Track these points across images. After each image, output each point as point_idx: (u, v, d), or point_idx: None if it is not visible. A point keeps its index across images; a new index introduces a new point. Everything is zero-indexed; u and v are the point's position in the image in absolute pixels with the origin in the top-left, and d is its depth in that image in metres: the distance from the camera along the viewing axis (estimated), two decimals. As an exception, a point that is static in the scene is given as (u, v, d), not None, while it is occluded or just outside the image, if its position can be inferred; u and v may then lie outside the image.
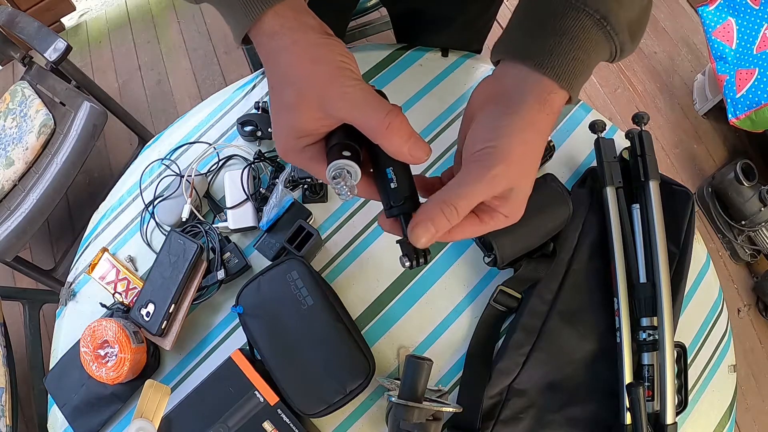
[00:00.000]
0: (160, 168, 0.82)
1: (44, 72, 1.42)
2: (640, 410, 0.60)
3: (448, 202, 0.34)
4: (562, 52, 0.37)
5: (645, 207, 0.70)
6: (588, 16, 0.37)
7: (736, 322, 1.61)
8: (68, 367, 0.72)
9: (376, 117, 0.34)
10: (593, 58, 0.39)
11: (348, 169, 0.34)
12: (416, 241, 0.35)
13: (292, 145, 0.37)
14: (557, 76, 0.37)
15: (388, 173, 0.37)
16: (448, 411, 0.61)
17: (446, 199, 0.35)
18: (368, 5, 1.35)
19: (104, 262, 0.77)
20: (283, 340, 0.65)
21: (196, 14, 2.07)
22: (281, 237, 0.72)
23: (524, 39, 0.39)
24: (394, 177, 0.37)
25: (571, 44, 0.37)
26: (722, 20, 1.63)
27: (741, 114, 1.53)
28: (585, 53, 0.38)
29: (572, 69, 0.38)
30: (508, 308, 0.71)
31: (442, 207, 0.34)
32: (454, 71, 0.85)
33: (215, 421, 0.62)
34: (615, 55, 0.40)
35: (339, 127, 0.37)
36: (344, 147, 0.36)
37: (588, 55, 0.38)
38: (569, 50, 0.37)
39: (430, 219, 0.34)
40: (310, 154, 0.38)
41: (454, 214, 0.35)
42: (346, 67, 0.35)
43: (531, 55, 0.38)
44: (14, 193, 1.35)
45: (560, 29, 0.38)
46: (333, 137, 0.37)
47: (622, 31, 0.38)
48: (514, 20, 0.41)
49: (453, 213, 0.34)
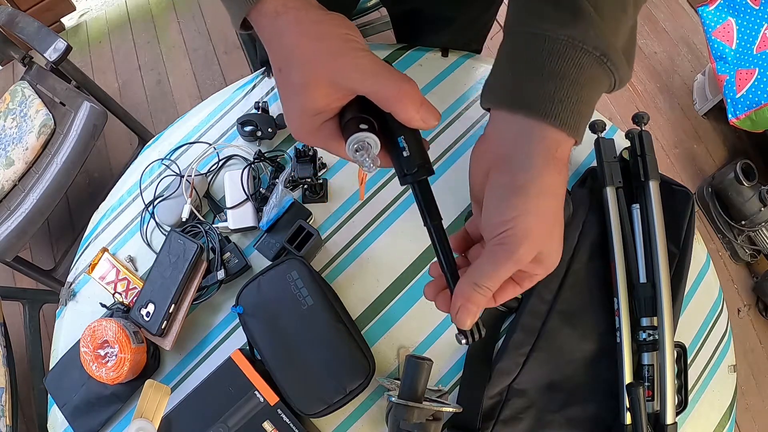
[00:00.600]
0: (160, 168, 0.82)
1: (44, 72, 1.42)
2: (640, 410, 0.60)
3: (481, 284, 0.36)
4: (565, 98, 0.35)
5: (645, 207, 0.70)
6: (587, 54, 0.35)
7: (736, 322, 1.61)
8: (68, 367, 0.72)
9: (389, 85, 0.34)
10: (595, 96, 0.37)
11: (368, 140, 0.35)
12: (462, 325, 0.37)
13: (307, 125, 0.37)
14: (563, 125, 0.35)
15: (400, 142, 0.37)
16: (448, 411, 0.61)
17: (478, 282, 0.36)
18: (368, 5, 1.35)
19: (104, 262, 0.77)
20: (283, 340, 0.65)
21: (196, 14, 2.07)
22: (281, 237, 0.71)
23: (520, 84, 0.36)
24: (406, 146, 0.37)
25: (573, 87, 0.35)
26: (722, 20, 1.63)
27: (741, 114, 1.53)
28: (588, 93, 0.36)
29: (578, 113, 0.35)
30: (508, 308, 0.71)
31: (475, 288, 0.36)
32: (454, 71, 0.85)
33: (215, 421, 0.63)
34: (614, 87, 0.38)
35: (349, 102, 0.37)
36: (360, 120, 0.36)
37: (591, 95, 0.36)
38: (572, 94, 0.35)
39: (468, 300, 0.36)
40: (327, 132, 0.37)
41: (488, 292, 0.36)
42: (352, 39, 0.35)
43: (531, 105, 0.35)
44: (14, 193, 1.35)
45: (558, 72, 0.35)
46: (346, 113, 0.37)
47: (621, 64, 0.36)
48: (502, 62, 0.39)
49: (487, 291, 0.36)
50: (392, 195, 0.78)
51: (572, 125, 0.35)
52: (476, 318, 0.37)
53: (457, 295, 0.36)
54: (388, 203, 0.78)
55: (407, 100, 0.34)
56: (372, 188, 0.79)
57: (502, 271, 0.35)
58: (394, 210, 0.77)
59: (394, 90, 0.34)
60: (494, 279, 0.35)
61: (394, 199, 0.78)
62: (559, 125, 0.35)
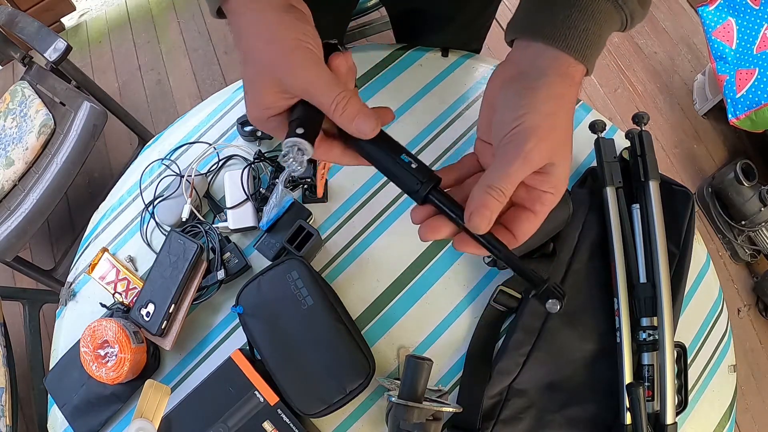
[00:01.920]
0: (160, 168, 0.82)
1: (44, 72, 1.42)
2: (640, 410, 0.60)
3: (494, 186, 0.35)
4: (572, 25, 0.38)
5: (645, 207, 0.70)
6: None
7: (736, 322, 1.61)
8: (68, 367, 0.72)
9: (325, 98, 0.36)
10: (605, 29, 0.39)
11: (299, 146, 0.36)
12: (477, 228, 0.36)
13: (257, 115, 0.39)
14: (571, 49, 0.38)
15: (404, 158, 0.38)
16: (448, 411, 0.61)
17: (491, 184, 0.36)
18: (368, 5, 1.35)
19: (104, 262, 0.77)
20: (283, 340, 0.65)
21: (196, 14, 2.07)
22: (281, 237, 0.71)
23: (535, 15, 0.40)
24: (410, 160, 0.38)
25: (581, 16, 0.38)
26: (722, 20, 1.63)
27: (741, 114, 1.53)
28: (596, 24, 0.38)
29: (585, 41, 0.38)
30: (508, 308, 0.71)
31: (489, 191, 0.35)
32: (454, 71, 0.85)
33: (215, 421, 0.62)
34: (626, 24, 0.41)
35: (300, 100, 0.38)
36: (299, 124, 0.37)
37: (599, 26, 0.39)
38: (580, 22, 0.38)
39: (483, 205, 0.35)
40: (275, 125, 0.39)
41: (501, 195, 0.36)
42: (301, 45, 0.36)
43: (542, 31, 0.38)
44: (14, 193, 1.35)
45: (569, 3, 0.38)
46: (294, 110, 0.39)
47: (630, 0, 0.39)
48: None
49: (501, 194, 0.36)
50: (392, 195, 0.78)
51: (579, 50, 0.38)
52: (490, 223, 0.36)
53: (471, 202, 0.36)
54: (388, 203, 0.78)
55: (340, 114, 0.36)
56: (371, 189, 0.79)
57: (512, 169, 0.36)
58: (393, 210, 0.77)
59: (328, 101, 0.36)
60: (506, 179, 0.36)
61: (394, 199, 0.78)
62: (566, 50, 0.38)
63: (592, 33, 0.38)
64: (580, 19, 0.38)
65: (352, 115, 0.36)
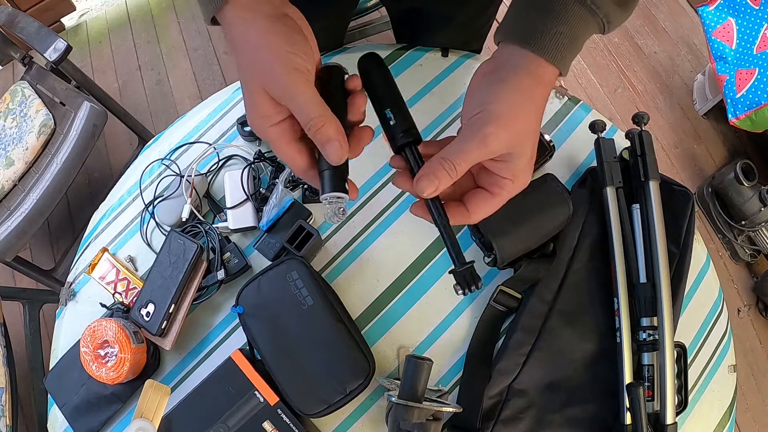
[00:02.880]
0: (160, 168, 0.82)
1: (44, 72, 1.42)
2: (640, 410, 0.60)
3: (447, 158, 0.38)
4: (544, 30, 0.40)
5: (645, 207, 0.70)
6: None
7: (736, 322, 1.61)
8: (68, 367, 0.72)
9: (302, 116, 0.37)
10: (579, 33, 0.41)
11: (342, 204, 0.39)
12: (421, 191, 0.38)
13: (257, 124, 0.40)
14: (541, 51, 0.40)
15: (387, 114, 0.42)
16: (448, 411, 0.61)
17: (444, 156, 0.38)
18: (368, 5, 1.35)
19: (104, 262, 0.77)
20: (283, 340, 0.65)
21: (196, 14, 2.07)
22: (281, 237, 0.71)
23: (514, 20, 0.43)
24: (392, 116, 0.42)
25: (554, 21, 0.40)
26: (722, 20, 1.63)
27: (741, 114, 1.53)
28: (569, 28, 0.40)
29: (556, 43, 0.40)
30: (508, 308, 0.71)
31: (441, 162, 0.38)
32: (454, 71, 0.85)
33: (215, 421, 0.62)
34: (604, 26, 0.42)
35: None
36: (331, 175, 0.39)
37: (572, 29, 0.41)
38: (552, 26, 0.40)
39: (432, 173, 0.38)
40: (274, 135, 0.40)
41: (452, 169, 0.38)
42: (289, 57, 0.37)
43: (518, 35, 0.41)
44: (14, 193, 1.35)
45: (545, 9, 0.41)
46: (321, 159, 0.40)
47: (605, 5, 0.41)
48: (511, 5, 0.45)
49: (452, 168, 0.38)
50: (392, 195, 0.78)
51: (550, 53, 0.40)
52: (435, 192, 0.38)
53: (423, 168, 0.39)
54: (388, 203, 0.78)
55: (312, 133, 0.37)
56: (372, 188, 0.79)
57: (467, 147, 0.38)
58: (393, 210, 0.77)
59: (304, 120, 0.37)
60: (459, 155, 0.38)
61: (394, 199, 0.78)
62: (538, 52, 0.40)
63: (564, 36, 0.40)
64: (552, 24, 0.40)
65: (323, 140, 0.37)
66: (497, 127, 0.38)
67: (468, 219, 0.41)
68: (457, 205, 0.42)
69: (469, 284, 0.40)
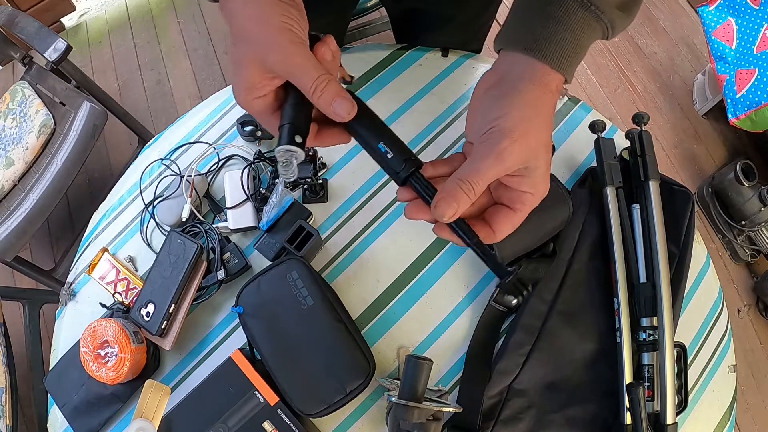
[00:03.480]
0: (160, 168, 0.82)
1: (44, 72, 1.42)
2: (640, 410, 0.60)
3: (464, 179, 0.37)
4: (548, 36, 0.40)
5: (645, 207, 0.70)
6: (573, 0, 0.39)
7: (736, 322, 1.61)
8: (68, 367, 0.72)
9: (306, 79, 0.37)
10: (583, 39, 0.41)
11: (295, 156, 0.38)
12: (441, 215, 0.37)
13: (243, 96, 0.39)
14: (546, 58, 0.39)
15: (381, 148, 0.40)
16: (448, 411, 0.61)
17: (462, 177, 0.37)
18: (368, 5, 1.35)
19: (104, 262, 0.77)
20: (283, 340, 0.65)
21: (196, 14, 2.07)
22: (281, 237, 0.71)
23: (516, 27, 0.42)
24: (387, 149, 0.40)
25: (557, 27, 0.40)
26: (722, 20, 1.63)
27: (741, 114, 1.53)
28: (573, 35, 0.40)
29: (560, 50, 0.40)
30: (508, 308, 0.71)
31: (459, 184, 0.37)
32: (454, 71, 0.85)
33: (215, 421, 0.62)
34: (609, 32, 0.42)
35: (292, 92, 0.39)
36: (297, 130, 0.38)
37: (576, 36, 0.40)
38: (555, 33, 0.40)
39: (451, 195, 0.37)
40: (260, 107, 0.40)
41: (471, 190, 0.37)
42: (287, 27, 0.37)
43: (521, 42, 0.40)
44: (14, 193, 1.35)
45: (548, 15, 0.40)
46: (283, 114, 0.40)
47: (609, 10, 0.40)
48: (511, 11, 0.44)
49: (470, 188, 0.37)
50: (392, 195, 0.78)
51: (554, 59, 0.40)
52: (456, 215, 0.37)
53: (441, 190, 0.38)
54: (388, 203, 0.78)
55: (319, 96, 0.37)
56: (372, 188, 0.79)
57: (483, 165, 0.37)
58: (393, 210, 0.77)
59: (308, 83, 0.37)
60: (476, 174, 0.37)
61: (394, 199, 0.78)
62: (542, 59, 0.40)
63: (568, 43, 0.40)
64: (556, 31, 0.40)
65: (329, 97, 0.37)
66: (511, 142, 0.37)
67: (493, 238, 0.40)
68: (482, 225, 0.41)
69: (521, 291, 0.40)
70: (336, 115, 0.38)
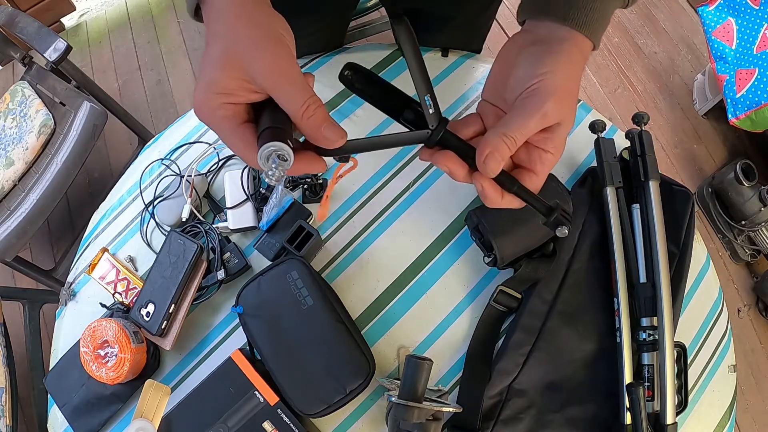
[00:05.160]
0: (160, 168, 0.82)
1: (44, 72, 1.42)
2: (640, 410, 0.60)
3: (508, 134, 0.38)
4: (582, 5, 0.41)
5: (645, 207, 0.70)
6: None
7: (736, 322, 1.61)
8: (68, 367, 0.72)
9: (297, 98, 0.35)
10: (609, 6, 0.42)
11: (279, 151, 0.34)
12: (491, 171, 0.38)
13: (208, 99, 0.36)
14: (580, 26, 0.41)
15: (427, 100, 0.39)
16: (448, 411, 0.61)
17: (506, 132, 0.38)
18: (368, 5, 1.35)
19: (104, 262, 0.77)
20: (283, 340, 0.65)
21: (196, 14, 2.06)
22: (281, 237, 0.71)
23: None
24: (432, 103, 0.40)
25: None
26: (722, 20, 1.63)
27: (741, 114, 1.53)
28: (600, 3, 0.41)
29: (591, 18, 0.41)
30: (508, 308, 0.71)
31: (503, 138, 0.38)
32: (454, 71, 0.85)
33: (215, 421, 0.63)
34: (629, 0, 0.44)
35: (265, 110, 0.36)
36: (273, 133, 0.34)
37: (603, 4, 0.41)
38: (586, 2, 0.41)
39: (496, 150, 0.38)
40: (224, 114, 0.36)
41: (514, 144, 0.38)
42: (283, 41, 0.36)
43: (553, 11, 0.41)
44: (14, 193, 1.35)
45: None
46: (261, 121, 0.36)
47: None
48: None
49: (513, 142, 0.38)
50: (392, 195, 0.78)
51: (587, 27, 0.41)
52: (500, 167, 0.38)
53: (485, 144, 0.38)
54: (388, 203, 0.78)
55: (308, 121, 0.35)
56: (371, 189, 0.79)
57: (529, 121, 0.38)
58: (394, 210, 0.77)
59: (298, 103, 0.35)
60: (521, 130, 0.38)
61: (394, 199, 0.78)
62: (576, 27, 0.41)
63: (596, 11, 0.41)
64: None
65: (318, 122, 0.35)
66: (556, 100, 0.38)
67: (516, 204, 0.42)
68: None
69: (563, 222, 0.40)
70: (325, 139, 0.36)
